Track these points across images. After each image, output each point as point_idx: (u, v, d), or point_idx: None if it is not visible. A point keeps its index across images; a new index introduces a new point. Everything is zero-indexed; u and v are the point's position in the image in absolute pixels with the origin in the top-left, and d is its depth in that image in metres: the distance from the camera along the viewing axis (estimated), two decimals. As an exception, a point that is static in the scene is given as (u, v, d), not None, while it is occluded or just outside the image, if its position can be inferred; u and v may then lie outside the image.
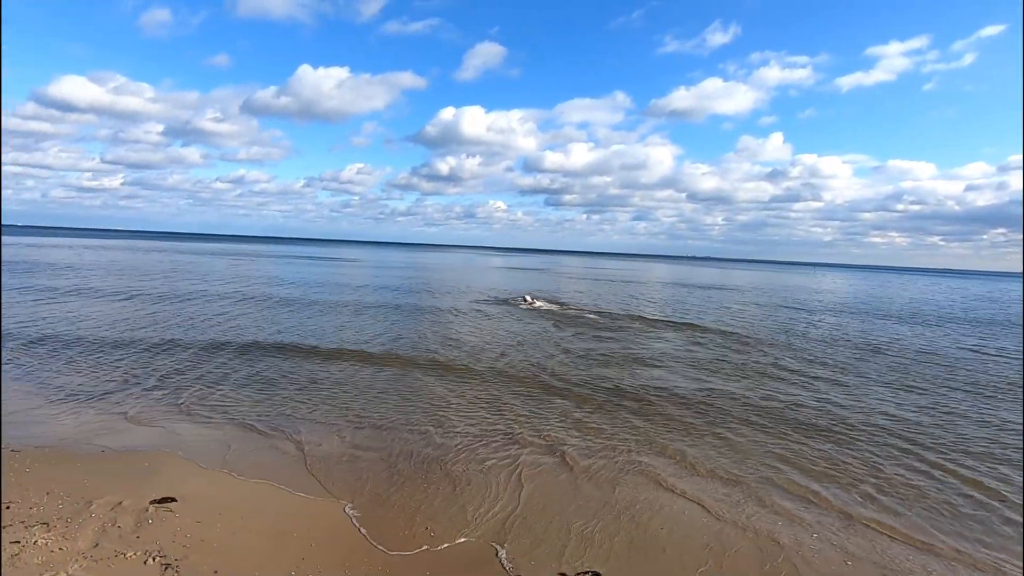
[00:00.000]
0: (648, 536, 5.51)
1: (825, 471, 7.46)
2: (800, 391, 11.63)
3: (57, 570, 4.27)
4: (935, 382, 13.07)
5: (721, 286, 48.67)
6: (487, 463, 7.12)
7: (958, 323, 26.50)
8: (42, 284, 24.49)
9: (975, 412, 10.52)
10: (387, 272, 48.00)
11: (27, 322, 15.10)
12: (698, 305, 29.53)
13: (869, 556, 5.37)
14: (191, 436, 7.61)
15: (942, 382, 13.10)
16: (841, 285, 64.04)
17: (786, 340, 18.31)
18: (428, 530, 5.37)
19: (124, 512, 5.30)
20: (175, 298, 21.99)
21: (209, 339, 14.15)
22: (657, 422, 9.15)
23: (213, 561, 4.57)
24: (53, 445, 6.98)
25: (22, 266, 33.43)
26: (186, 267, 40.89)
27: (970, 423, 9.81)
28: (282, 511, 5.56)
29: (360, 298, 25.33)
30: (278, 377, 10.87)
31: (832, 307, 32.30)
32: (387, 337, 15.41)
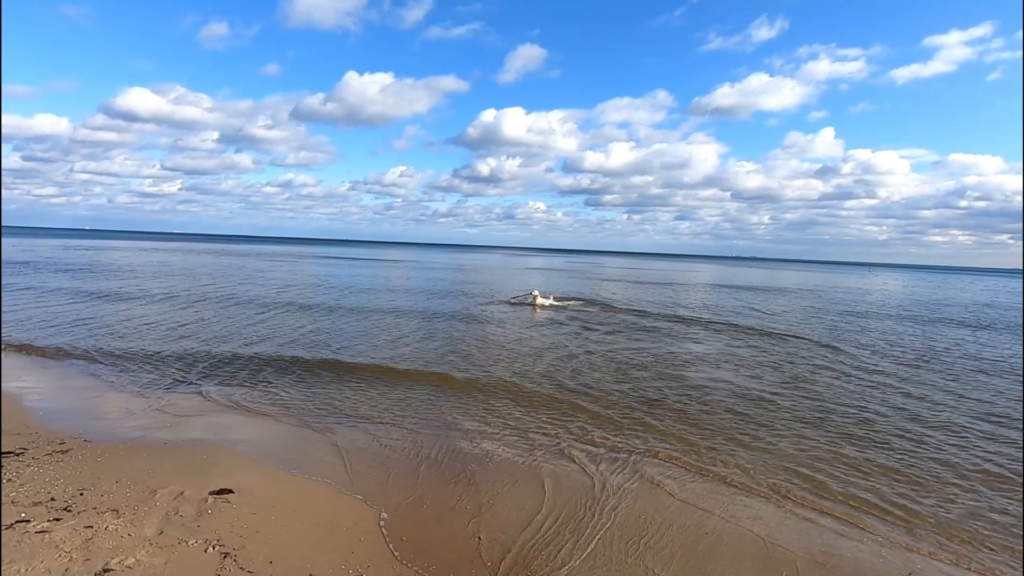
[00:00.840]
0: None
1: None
2: (864, 400, 11.11)
3: (127, 555, 4.51)
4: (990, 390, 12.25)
5: (768, 287, 47.11)
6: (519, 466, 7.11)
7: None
8: (109, 286, 26.02)
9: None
10: (428, 273, 48.70)
11: (88, 320, 16.09)
12: (744, 308, 28.68)
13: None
14: (243, 431, 7.92)
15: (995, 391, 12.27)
16: (896, 286, 60.95)
17: (853, 347, 17.55)
18: (477, 540, 5.38)
19: (186, 502, 5.56)
20: (227, 299, 22.96)
21: (259, 338, 14.70)
22: (703, 431, 8.91)
23: (268, 552, 4.74)
24: (120, 437, 7.40)
25: (97, 268, 35.63)
26: (238, 269, 42.64)
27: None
28: (331, 507, 5.71)
29: (399, 300, 25.77)
30: (324, 378, 11.17)
31: (886, 308, 30.78)
32: (429, 344, 15.59)
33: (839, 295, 41.17)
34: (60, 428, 7.55)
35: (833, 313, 27.24)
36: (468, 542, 5.15)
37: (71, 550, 4.54)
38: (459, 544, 5.11)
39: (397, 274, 45.90)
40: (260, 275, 36.95)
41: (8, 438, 7.07)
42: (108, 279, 29.07)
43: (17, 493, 5.54)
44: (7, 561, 4.31)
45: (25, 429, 7.45)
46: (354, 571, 4.56)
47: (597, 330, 18.56)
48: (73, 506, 5.34)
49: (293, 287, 29.29)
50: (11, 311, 17.11)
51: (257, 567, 4.50)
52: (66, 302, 19.65)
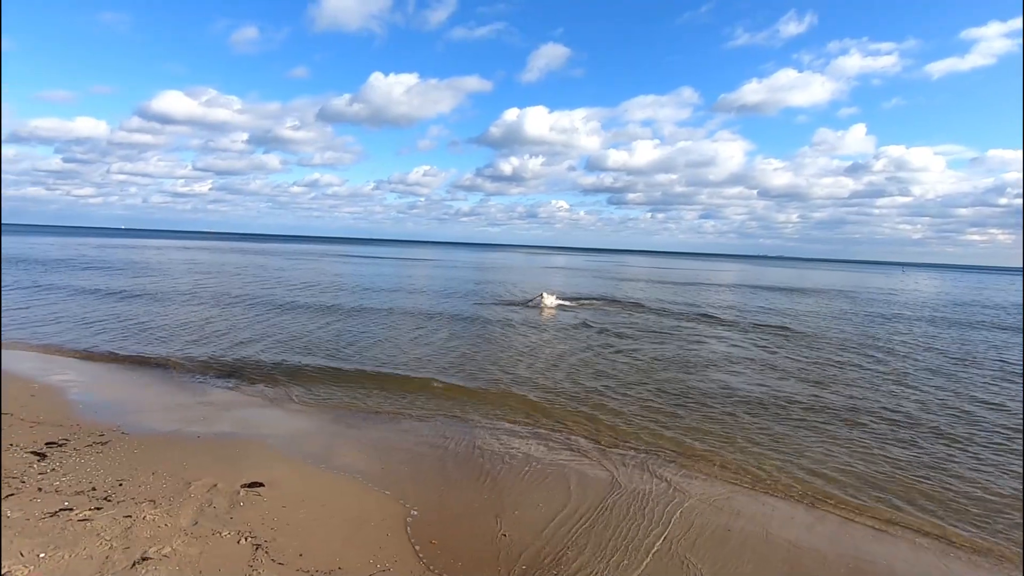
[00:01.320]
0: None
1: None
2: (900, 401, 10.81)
3: (163, 544, 4.66)
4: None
5: (796, 287, 46.11)
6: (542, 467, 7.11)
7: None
8: (142, 283, 26.83)
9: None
10: (450, 272, 48.97)
11: (122, 317, 16.61)
12: (770, 308, 28.13)
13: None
14: (274, 426, 8.10)
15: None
16: (931, 286, 59.04)
17: (884, 350, 17.10)
18: (502, 537, 5.41)
19: (219, 494, 5.71)
20: (257, 298, 23.47)
21: (288, 337, 14.99)
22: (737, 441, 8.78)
23: (298, 544, 4.83)
24: (155, 430, 7.63)
25: (133, 266, 36.79)
26: (268, 268, 43.54)
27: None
28: (359, 502, 5.79)
29: (421, 301, 25.97)
30: (350, 377, 11.33)
31: (920, 310, 29.86)
32: (452, 344, 15.68)
33: (871, 296, 40.07)
34: (99, 421, 7.82)
35: (864, 315, 26.55)
36: (493, 539, 5.17)
37: (111, 538, 4.70)
38: (484, 541, 5.14)
39: (420, 273, 46.29)
40: (290, 274, 37.68)
41: (52, 429, 7.35)
42: (142, 277, 29.99)
43: (60, 482, 5.76)
44: (53, 546, 4.49)
45: (67, 421, 7.74)
46: (381, 566, 4.62)
47: (618, 331, 18.42)
48: (113, 496, 5.53)
49: (320, 287, 29.80)
50: (48, 307, 17.78)
51: (288, 559, 4.59)
52: (102, 299, 20.35)
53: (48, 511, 5.10)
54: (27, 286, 23.06)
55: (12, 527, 4.76)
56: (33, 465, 6.15)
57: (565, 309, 22.94)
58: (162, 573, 4.26)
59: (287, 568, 4.47)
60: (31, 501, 5.29)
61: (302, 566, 4.51)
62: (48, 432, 7.22)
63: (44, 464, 6.20)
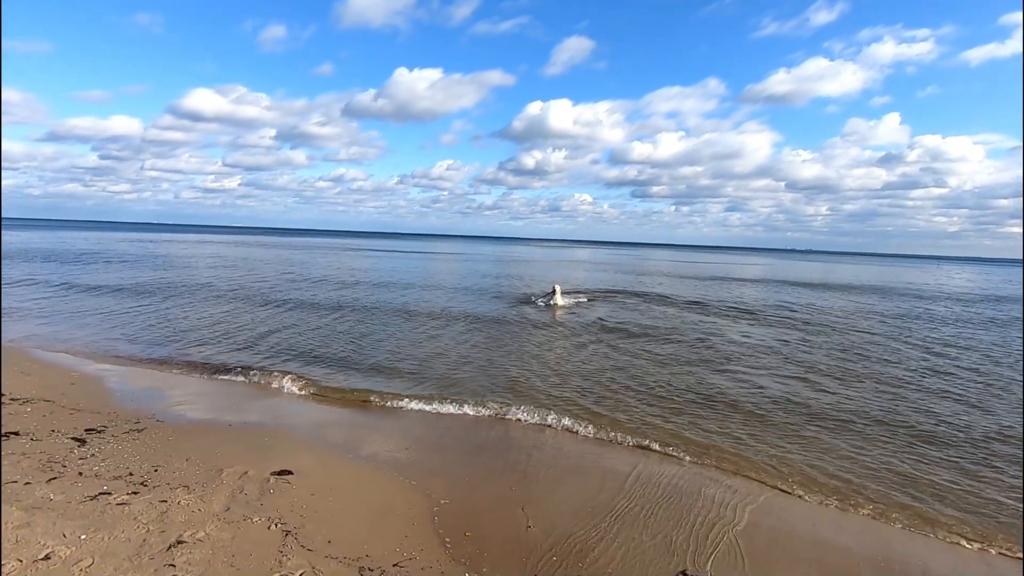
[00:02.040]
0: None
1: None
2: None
3: (197, 528, 4.78)
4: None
5: (826, 283, 45.01)
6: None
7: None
8: (173, 277, 27.56)
9: None
10: (473, 266, 49.10)
11: (157, 310, 17.09)
12: (800, 305, 27.52)
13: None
14: (302, 416, 8.25)
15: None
16: (972, 281, 57.00)
17: (922, 348, 16.62)
18: (530, 528, 5.42)
19: (249, 481, 5.84)
20: (282, 289, 23.89)
21: (315, 327, 15.23)
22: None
23: (327, 531, 4.92)
24: (188, 418, 7.84)
25: (168, 261, 37.85)
26: (294, 261, 44.30)
27: None
28: (385, 491, 5.86)
29: (443, 298, 26.09)
30: (377, 370, 11.46)
31: (964, 309, 28.87)
32: (475, 338, 15.73)
33: (906, 291, 38.88)
34: (135, 409, 8.06)
35: (898, 312, 25.79)
36: (519, 531, 5.18)
37: (148, 522, 4.84)
38: (509, 533, 5.15)
39: (439, 268, 46.52)
40: (312, 269, 38.25)
41: (91, 416, 7.61)
42: (174, 270, 30.81)
43: (100, 467, 5.96)
44: (93, 528, 4.65)
45: (105, 408, 8.01)
46: (407, 554, 4.67)
47: (634, 326, 18.23)
48: (149, 481, 5.70)
49: (343, 281, 30.18)
50: (81, 302, 18.40)
51: (316, 545, 4.67)
52: (136, 293, 20.97)
53: (88, 495, 5.28)
54: (57, 283, 23.90)
55: (55, 509, 4.94)
56: (74, 451, 6.38)
57: (581, 306, 21.56)
58: (196, 556, 4.37)
59: (316, 554, 4.54)
60: (72, 485, 5.48)
61: (330, 553, 4.59)
62: (87, 419, 7.48)
63: (84, 450, 6.43)
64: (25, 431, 6.87)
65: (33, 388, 8.66)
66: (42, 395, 8.35)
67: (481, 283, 31.01)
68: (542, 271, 44.87)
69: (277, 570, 4.28)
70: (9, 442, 6.50)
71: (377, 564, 4.47)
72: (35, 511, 4.88)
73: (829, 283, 43.03)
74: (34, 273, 25.57)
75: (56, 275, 25.16)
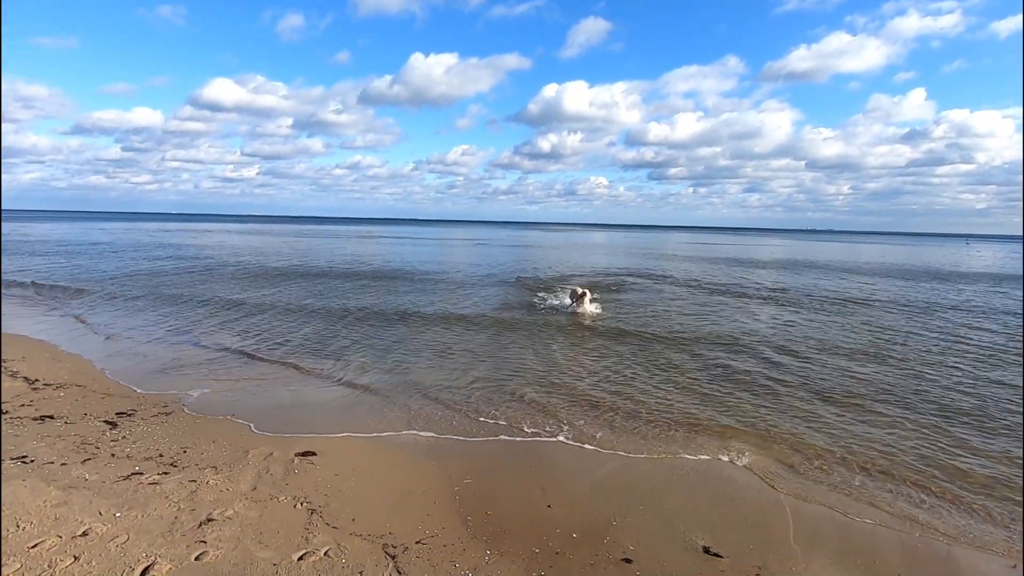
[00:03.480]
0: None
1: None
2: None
3: (226, 507, 4.92)
4: None
5: (846, 266, 44.10)
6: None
7: None
8: (195, 261, 28.05)
9: None
10: (489, 252, 49.09)
11: (179, 295, 17.45)
12: (823, 289, 27.04)
13: None
14: (323, 399, 8.38)
15: None
16: (1002, 259, 55.37)
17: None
18: (549, 507, 5.47)
19: (274, 462, 5.97)
20: (305, 273, 24.18)
21: (337, 308, 15.42)
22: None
23: (351, 510, 5.02)
24: (213, 401, 8.02)
25: (193, 249, 38.54)
26: (316, 248, 44.76)
27: None
28: (406, 472, 5.95)
29: (449, 293, 26.11)
30: (403, 349, 11.57)
31: (993, 287, 28.09)
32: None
33: (934, 271, 37.94)
34: (162, 393, 8.27)
35: (928, 295, 25.19)
36: (538, 511, 5.23)
37: (179, 500, 4.99)
38: (529, 513, 5.19)
39: (454, 258, 46.58)
40: (327, 257, 38.61)
41: (120, 400, 7.84)
42: (197, 256, 31.37)
43: (131, 449, 6.15)
44: (127, 506, 4.81)
45: (133, 393, 8.24)
46: (429, 532, 4.74)
47: (656, 314, 18.10)
48: (178, 462, 5.87)
49: (358, 269, 30.42)
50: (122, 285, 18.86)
51: (341, 523, 4.78)
52: (161, 277, 21.41)
53: (121, 475, 5.46)
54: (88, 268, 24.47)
55: (91, 489, 5.12)
56: (106, 433, 6.59)
57: (609, 306, 17.53)
58: (226, 533, 4.50)
59: (341, 532, 4.65)
60: (106, 465, 5.67)
61: (355, 530, 4.68)
62: (118, 403, 7.70)
63: (115, 432, 6.63)
64: (59, 415, 7.10)
65: (65, 374, 8.93)
66: (74, 380, 8.61)
67: (497, 273, 31.01)
68: (559, 256, 44.70)
69: (304, 547, 4.39)
70: (44, 425, 6.73)
71: (400, 541, 4.56)
72: (71, 490, 5.07)
73: (850, 267, 42.13)
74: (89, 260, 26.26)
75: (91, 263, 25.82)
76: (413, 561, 4.30)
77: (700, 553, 4.62)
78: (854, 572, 4.47)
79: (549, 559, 4.44)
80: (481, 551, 4.51)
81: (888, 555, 4.74)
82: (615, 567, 4.37)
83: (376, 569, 4.16)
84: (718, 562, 4.50)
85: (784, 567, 4.47)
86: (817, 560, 4.60)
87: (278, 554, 4.27)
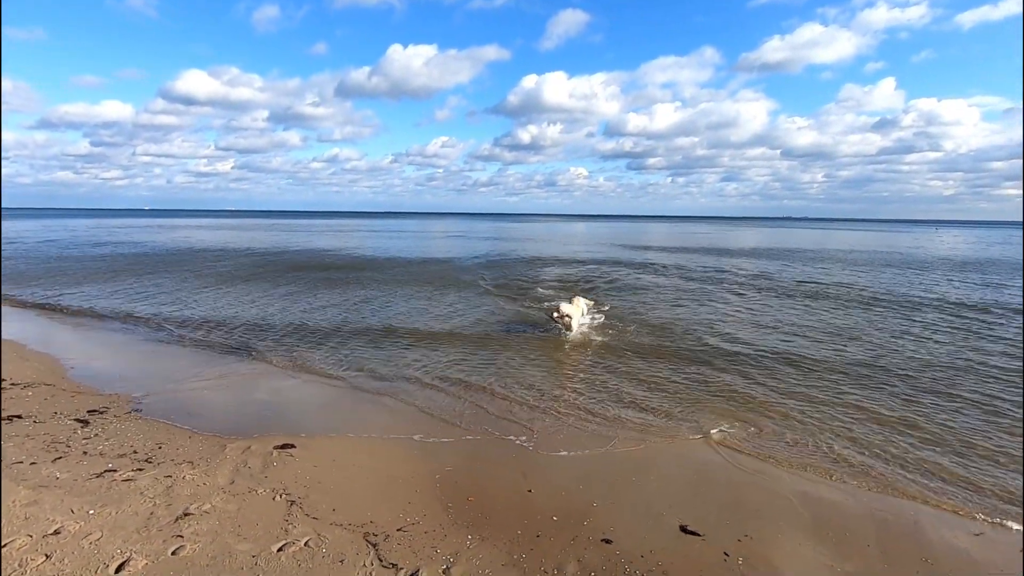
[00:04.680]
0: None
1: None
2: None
3: (203, 501, 4.86)
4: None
5: (822, 253, 45.03)
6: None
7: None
8: (172, 260, 27.42)
9: None
10: (471, 244, 48.89)
11: (155, 292, 17.05)
12: (800, 278, 27.58)
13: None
14: (301, 392, 8.31)
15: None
16: (972, 245, 57.09)
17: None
18: (530, 491, 5.51)
19: (252, 455, 5.90)
20: (293, 265, 23.82)
21: (317, 309, 15.23)
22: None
23: (331, 501, 5.00)
24: (190, 398, 7.89)
25: (165, 246, 37.59)
26: (290, 242, 44.06)
27: None
28: (387, 462, 5.93)
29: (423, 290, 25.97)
30: (382, 347, 11.49)
31: (967, 272, 28.96)
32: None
33: (908, 258, 38.94)
34: (135, 391, 8.09)
35: (906, 285, 25.85)
36: (520, 496, 5.27)
37: (154, 496, 4.91)
38: (509, 498, 5.23)
39: (436, 247, 46.31)
40: (301, 250, 38.08)
41: (92, 398, 7.66)
42: (171, 255, 30.66)
43: (104, 446, 6.02)
44: (100, 504, 4.72)
45: (105, 390, 8.04)
46: (410, 519, 4.75)
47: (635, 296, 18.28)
48: (153, 458, 5.77)
49: (336, 264, 30.08)
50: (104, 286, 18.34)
51: (321, 514, 4.75)
52: (136, 274, 20.88)
53: (94, 472, 5.35)
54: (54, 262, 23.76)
55: (62, 487, 5.01)
56: (77, 431, 6.43)
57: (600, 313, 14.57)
58: (204, 527, 4.45)
59: (321, 522, 4.62)
60: (78, 463, 5.54)
61: (335, 520, 4.67)
62: (89, 401, 7.53)
63: (87, 430, 6.48)
64: (28, 414, 6.91)
65: (33, 373, 8.68)
66: (42, 379, 8.38)
67: (480, 270, 30.91)
68: (541, 250, 44.74)
69: (283, 538, 4.36)
70: (12, 425, 6.54)
71: (382, 529, 4.56)
72: (42, 489, 4.95)
73: (822, 252, 43.02)
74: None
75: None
76: (394, 548, 4.30)
77: (678, 532, 4.71)
78: (827, 544, 4.61)
79: (530, 541, 4.49)
80: (463, 536, 4.53)
81: (860, 527, 4.90)
82: (595, 547, 4.43)
83: (357, 557, 4.16)
84: (695, 540, 4.60)
85: (759, 543, 4.59)
86: (791, 535, 4.73)
87: (257, 546, 4.23)
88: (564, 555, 4.32)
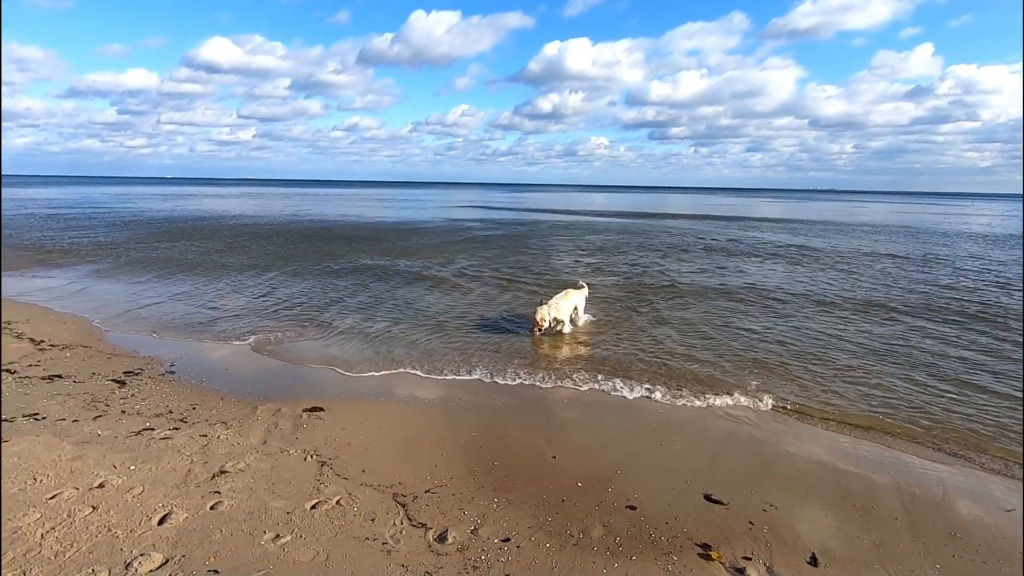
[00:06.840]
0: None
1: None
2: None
3: (238, 460, 5.01)
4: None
5: (849, 225, 43.78)
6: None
7: None
8: (198, 226, 27.83)
9: None
10: (489, 214, 48.65)
11: (184, 259, 17.38)
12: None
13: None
14: (329, 357, 8.45)
15: None
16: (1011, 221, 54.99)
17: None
18: (555, 458, 5.57)
19: (283, 417, 6.06)
20: (310, 234, 24.05)
21: (339, 268, 15.40)
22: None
23: (360, 462, 5.12)
24: (219, 361, 8.09)
25: (190, 213, 38.16)
26: (310, 211, 44.36)
27: None
28: (413, 425, 6.04)
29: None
30: (401, 305, 11.60)
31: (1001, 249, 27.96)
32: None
33: (940, 237, 37.69)
34: (168, 353, 8.32)
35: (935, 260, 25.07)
36: (543, 461, 5.34)
37: (191, 454, 5.09)
38: (534, 463, 5.30)
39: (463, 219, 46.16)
40: (314, 220, 38.27)
41: (127, 360, 7.90)
42: (195, 221, 31.14)
43: (140, 406, 6.23)
44: (140, 460, 4.91)
45: (139, 353, 8.29)
46: (438, 482, 4.85)
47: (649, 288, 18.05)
48: (188, 418, 5.96)
49: (357, 236, 30.18)
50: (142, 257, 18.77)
51: (351, 475, 4.88)
52: (164, 242, 21.31)
53: (133, 430, 5.55)
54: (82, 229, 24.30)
55: (104, 443, 5.21)
56: (115, 391, 6.66)
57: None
58: (239, 484, 4.60)
59: (351, 482, 4.75)
60: (117, 422, 5.75)
61: (365, 480, 4.79)
62: (125, 362, 7.77)
63: (124, 390, 6.70)
64: (67, 374, 7.16)
65: (70, 335, 8.97)
66: (79, 341, 8.66)
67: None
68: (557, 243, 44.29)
69: (316, 496, 4.49)
70: (53, 384, 6.80)
71: (410, 490, 4.66)
72: (85, 445, 5.15)
73: (855, 225, 41.78)
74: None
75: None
76: (423, 509, 4.40)
77: (702, 500, 4.74)
78: (852, 515, 4.60)
79: (556, 506, 4.55)
80: (489, 499, 4.61)
81: (887, 499, 4.87)
82: (620, 513, 4.48)
83: (387, 516, 4.27)
84: (720, 508, 4.62)
85: (784, 512, 4.59)
86: (817, 505, 4.72)
87: (291, 503, 4.37)
88: (590, 519, 4.38)
